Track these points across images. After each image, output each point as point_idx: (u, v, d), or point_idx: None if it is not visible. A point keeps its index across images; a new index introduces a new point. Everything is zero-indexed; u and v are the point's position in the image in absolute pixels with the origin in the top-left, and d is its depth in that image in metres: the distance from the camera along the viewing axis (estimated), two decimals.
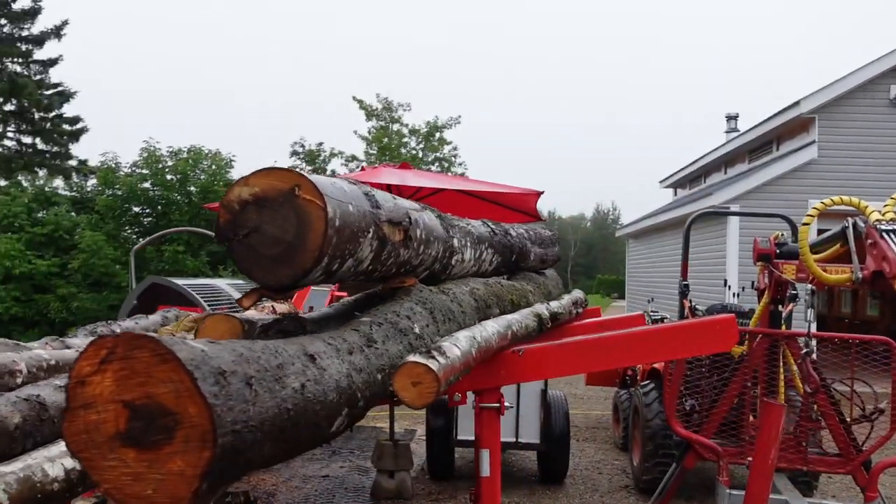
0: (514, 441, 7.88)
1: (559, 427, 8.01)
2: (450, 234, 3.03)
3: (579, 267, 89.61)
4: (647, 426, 7.76)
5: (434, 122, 30.50)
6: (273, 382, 1.26)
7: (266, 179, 1.81)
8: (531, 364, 2.74)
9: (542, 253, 4.94)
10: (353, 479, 8.16)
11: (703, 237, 17.13)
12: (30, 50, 30.97)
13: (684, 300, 7.84)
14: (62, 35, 31.63)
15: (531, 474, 8.76)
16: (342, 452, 9.25)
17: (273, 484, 7.70)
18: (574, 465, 9.03)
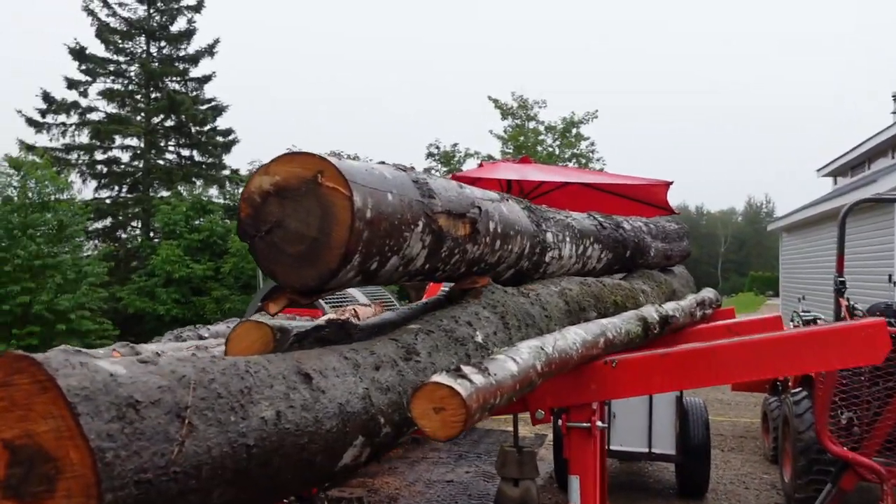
0: (647, 451, 7.35)
1: (698, 437, 7.38)
2: (541, 228, 2.70)
3: (730, 263, 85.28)
4: (799, 439, 6.99)
5: (570, 117, 29.84)
6: (229, 412, 1.01)
7: (287, 166, 1.58)
8: (626, 377, 2.36)
9: (666, 248, 4.48)
10: (478, 485, 7.91)
11: (865, 228, 15.58)
12: (186, 69, 33.06)
13: (840, 298, 7.01)
14: (214, 53, 33.55)
15: (669, 486, 8.16)
16: (468, 457, 9.03)
17: (396, 488, 7.59)
18: (717, 477, 8.34)
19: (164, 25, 32.55)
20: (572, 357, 1.99)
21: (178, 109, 32.36)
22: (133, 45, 32.09)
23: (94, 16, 30.88)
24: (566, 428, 2.45)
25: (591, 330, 2.27)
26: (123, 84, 31.96)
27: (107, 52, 31.34)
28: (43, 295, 19.33)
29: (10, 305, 18.93)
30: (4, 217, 19.81)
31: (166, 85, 33.12)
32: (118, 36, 31.53)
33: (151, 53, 32.58)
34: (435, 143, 29.54)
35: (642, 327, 2.65)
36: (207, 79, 33.69)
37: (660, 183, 7.77)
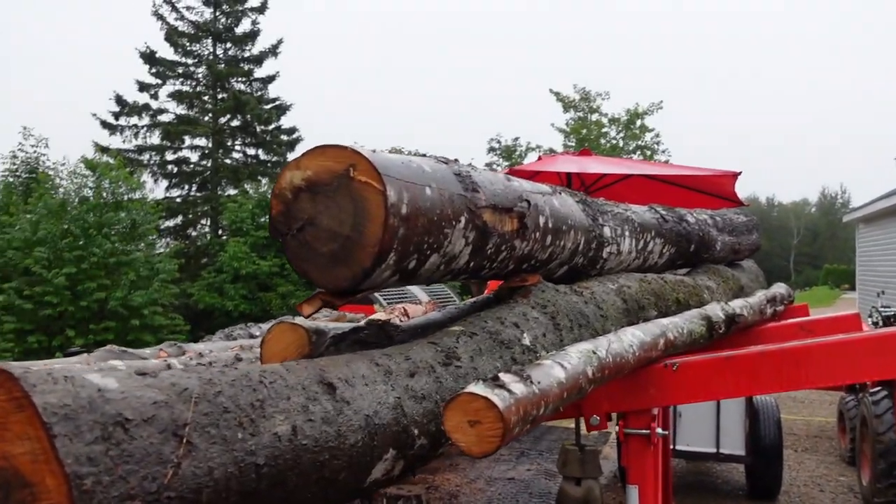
0: (714, 452, 7.08)
1: (769, 437, 7.07)
2: (597, 223, 2.56)
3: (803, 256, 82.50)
4: (879, 441, 6.63)
5: (634, 109, 29.25)
6: (236, 428, 0.93)
7: (319, 160, 1.50)
8: (688, 381, 2.20)
9: (733, 242, 4.26)
10: (540, 483, 7.78)
11: None
12: (251, 69, 33.65)
13: None
14: (278, 53, 34.06)
15: (738, 487, 7.87)
16: (530, 454, 8.90)
17: (456, 485, 7.52)
18: (790, 479, 8.00)
19: (230, 27, 33.20)
20: (628, 361, 1.86)
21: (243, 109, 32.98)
22: (200, 48, 32.84)
23: (163, 20, 31.71)
24: (623, 434, 2.31)
25: (650, 331, 2.13)
26: (192, 86, 32.75)
27: (175, 55, 32.15)
28: (118, 291, 19.94)
29: (87, 301, 19.60)
30: (81, 217, 20.52)
31: (232, 86, 33.78)
32: (186, 39, 32.31)
33: (218, 55, 33.29)
34: (496, 137, 29.36)
35: (706, 327, 2.48)
36: (271, 79, 34.21)
37: (727, 174, 7.46)
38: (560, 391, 1.40)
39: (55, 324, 19.95)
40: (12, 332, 18.99)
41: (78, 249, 19.90)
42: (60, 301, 19.36)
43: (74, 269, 19.54)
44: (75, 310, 19.81)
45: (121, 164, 23.41)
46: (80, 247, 20.10)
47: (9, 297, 19.21)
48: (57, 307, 19.32)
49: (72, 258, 19.64)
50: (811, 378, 2.12)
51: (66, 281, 19.28)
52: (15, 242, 20.26)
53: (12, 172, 26.99)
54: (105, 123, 31.21)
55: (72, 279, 19.52)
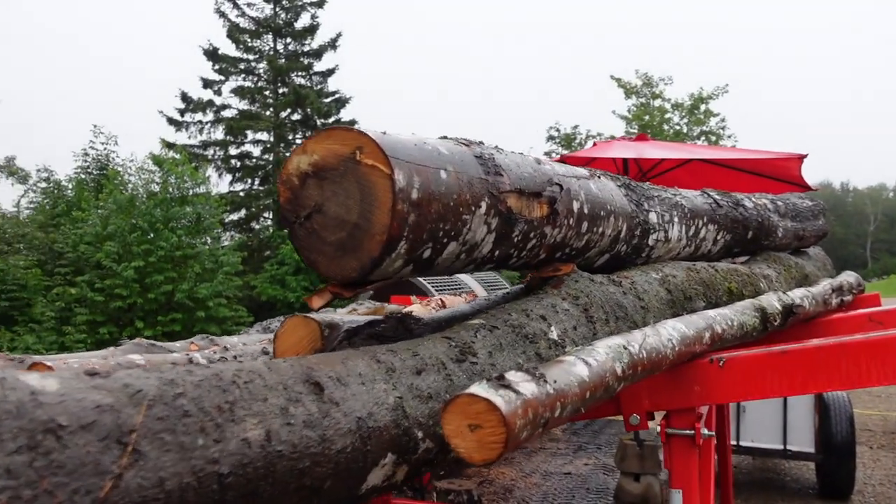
0: (781, 449, 6.78)
1: (841, 433, 6.73)
2: (641, 208, 2.41)
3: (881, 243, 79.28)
4: None
5: (699, 93, 28.45)
6: (197, 434, 0.84)
7: (325, 143, 1.41)
8: (736, 378, 2.04)
9: (797, 228, 4.03)
10: (597, 478, 7.60)
11: None
12: (310, 63, 34.02)
13: None
14: (337, 47, 34.35)
15: (808, 486, 7.54)
16: (588, 448, 8.72)
17: (511, 479, 7.41)
18: (864, 478, 7.62)
19: (290, 22, 33.62)
20: (666, 356, 1.71)
21: (303, 103, 33.38)
22: (261, 44, 33.36)
23: (225, 17, 32.33)
24: (665, 435, 2.16)
25: (695, 323, 1.97)
26: (253, 81, 33.31)
27: (237, 52, 32.74)
28: (184, 284, 20.45)
29: (154, 294, 20.16)
30: (148, 211, 21.10)
31: (292, 80, 34.22)
32: (247, 35, 32.87)
33: (278, 50, 33.76)
34: (555, 126, 28.97)
35: (760, 318, 2.31)
36: (331, 72, 34.53)
37: (792, 157, 7.11)
38: (581, 391, 1.28)
39: (125, 315, 20.59)
40: (85, 323, 19.67)
41: (146, 243, 20.47)
42: (130, 293, 19.96)
43: (143, 262, 20.11)
44: (144, 302, 20.40)
45: (186, 159, 23.96)
46: (147, 241, 20.67)
47: (81, 290, 19.90)
48: (126, 299, 19.93)
49: (140, 252, 20.22)
50: (876, 375, 1.93)
51: (135, 274, 19.86)
52: (87, 237, 20.97)
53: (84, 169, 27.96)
54: (171, 120, 32.03)
55: (140, 272, 20.10)
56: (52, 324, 19.82)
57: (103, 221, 21.06)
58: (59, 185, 27.57)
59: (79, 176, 27.58)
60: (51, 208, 26.27)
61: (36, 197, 29.54)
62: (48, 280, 21.25)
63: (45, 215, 26.17)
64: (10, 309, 20.56)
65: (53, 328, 19.81)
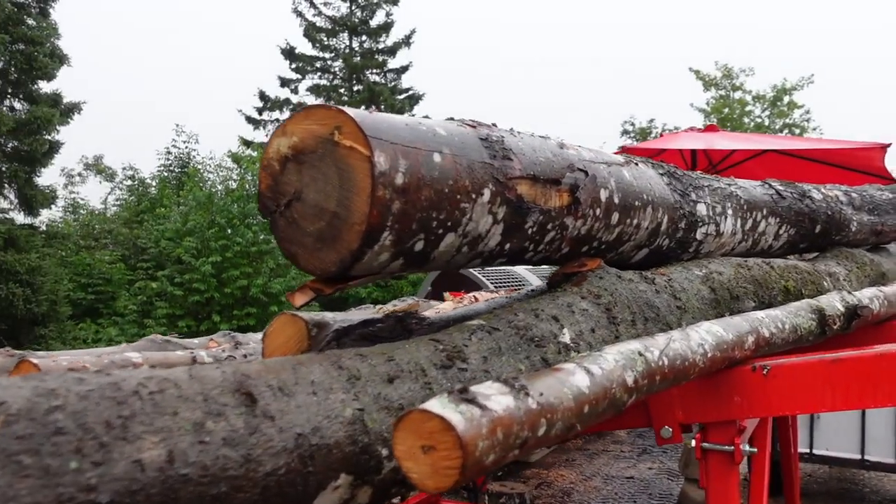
0: (859, 459, 6.35)
1: None
2: (687, 198, 2.21)
3: None
4: None
5: (782, 84, 27.31)
6: (70, 456, 0.71)
7: (304, 124, 1.29)
8: (781, 389, 1.81)
9: (875, 222, 3.70)
10: (661, 483, 7.31)
11: None
12: (385, 60, 34.27)
13: None
14: (411, 43, 34.48)
15: (890, 498, 7.06)
16: (653, 452, 8.41)
17: (571, 482, 7.20)
18: None
19: (365, 20, 33.93)
20: (695, 363, 1.52)
21: (378, 100, 33.67)
22: (337, 42, 33.80)
23: (302, 16, 32.90)
24: (700, 450, 1.95)
25: (736, 326, 1.76)
26: (329, 79, 33.79)
27: (314, 50, 33.29)
28: (259, 279, 20.89)
29: (230, 288, 20.66)
30: (226, 208, 21.64)
31: (367, 77, 34.55)
32: (324, 34, 33.37)
33: (353, 48, 34.13)
34: (629, 119, 28.30)
35: (817, 321, 2.07)
36: (405, 69, 34.70)
37: (874, 146, 6.63)
38: (578, 405, 1.10)
39: (203, 309, 21.17)
40: (165, 316, 20.32)
41: (223, 239, 20.98)
42: (207, 288, 20.49)
43: (220, 257, 20.62)
44: (220, 296, 20.92)
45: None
46: (225, 236, 21.19)
47: (162, 284, 20.55)
48: (204, 294, 20.47)
49: (217, 247, 20.74)
50: None
51: (213, 269, 20.37)
52: (168, 233, 21.64)
53: (167, 167, 28.93)
54: (249, 118, 32.81)
55: (217, 267, 20.62)
56: (133, 317, 20.56)
57: (183, 217, 21.70)
58: (143, 182, 28.63)
59: (161, 173, 28.57)
60: (135, 205, 27.32)
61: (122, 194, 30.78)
62: (131, 274, 22.05)
63: (129, 212, 27.23)
64: (96, 302, 21.43)
65: (135, 321, 20.54)
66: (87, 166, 37.22)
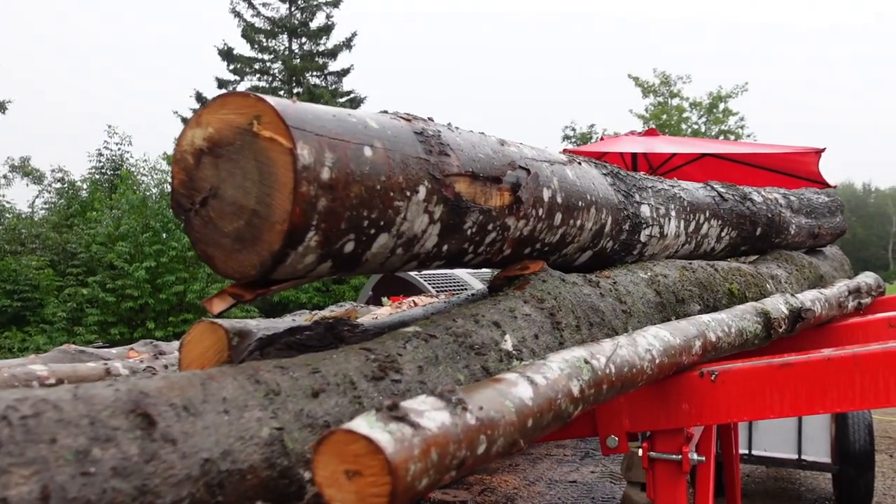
0: (796, 459, 6.46)
1: (859, 442, 6.41)
2: (631, 199, 2.15)
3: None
4: None
5: (717, 92, 28.04)
6: None
7: (220, 113, 1.17)
8: (730, 395, 1.76)
9: (812, 225, 3.74)
10: (604, 487, 7.31)
11: None
12: (325, 63, 33.93)
13: None
14: (352, 46, 34.22)
15: (825, 496, 7.22)
16: (596, 455, 8.42)
17: (514, 487, 7.14)
18: (883, 488, 7.29)
19: (305, 22, 33.56)
20: (642, 370, 1.45)
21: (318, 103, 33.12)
22: (276, 43, 33.33)
23: (241, 17, 32.32)
24: (647, 459, 1.89)
25: (683, 330, 1.70)
26: (268, 81, 33.28)
27: (252, 52, 32.74)
28: (196, 284, 20.38)
29: (166, 294, 20.10)
30: (161, 211, 21.05)
31: (307, 80, 34.17)
32: (262, 35, 32.85)
33: (293, 50, 33.71)
34: (571, 125, 28.66)
35: (762, 324, 2.03)
36: (346, 72, 34.43)
37: (809, 151, 6.78)
38: (521, 419, 1.01)
39: (137, 316, 20.57)
40: (96, 324, 19.66)
41: (158, 244, 20.44)
42: (141, 294, 19.93)
43: (154, 262, 20.08)
44: (155, 302, 20.37)
45: None
46: (160, 241, 20.64)
47: (93, 290, 19.89)
48: (138, 300, 19.90)
49: (152, 252, 20.20)
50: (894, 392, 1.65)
51: (147, 274, 19.83)
52: (99, 238, 20.97)
53: (98, 170, 28.02)
54: (185, 120, 32.05)
55: (152, 272, 20.08)
56: (63, 324, 19.83)
57: (116, 222, 21.08)
58: (73, 185, 27.67)
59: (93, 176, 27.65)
60: (65, 208, 26.37)
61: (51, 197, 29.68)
62: (60, 280, 21.27)
63: (59, 215, 26.27)
64: (23, 309, 20.59)
65: (65, 329, 19.82)
66: (13, 168, 35.81)
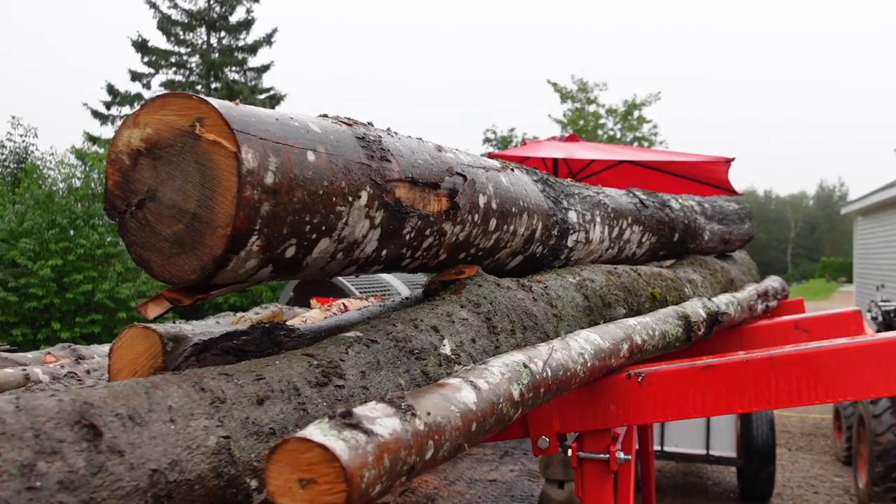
0: (704, 454, 6.75)
1: (761, 438, 6.75)
2: (560, 206, 2.21)
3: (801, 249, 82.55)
4: (877, 442, 6.30)
5: (632, 100, 28.86)
6: None
7: (160, 114, 1.14)
8: (655, 396, 1.84)
9: (724, 231, 3.91)
10: (523, 485, 7.44)
11: None
12: (245, 58, 33.25)
13: None
14: (272, 42, 33.64)
15: (730, 489, 7.55)
16: (515, 454, 8.56)
17: (435, 487, 7.18)
18: (783, 480, 7.68)
19: (224, 16, 32.81)
20: (576, 373, 1.50)
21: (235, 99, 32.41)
22: (194, 37, 32.47)
23: (157, 8, 31.31)
24: (576, 459, 1.95)
25: (612, 333, 1.77)
26: (185, 75, 32.38)
27: (168, 44, 31.79)
28: (105, 283, 19.65)
29: (73, 294, 19.29)
30: (68, 207, 20.18)
31: (226, 75, 33.42)
32: (179, 28, 31.93)
33: (212, 44, 32.90)
34: (492, 128, 28.96)
35: (683, 327, 2.13)
36: (266, 68, 33.84)
37: (719, 160, 7.09)
38: (466, 424, 1.04)
39: (41, 316, 19.68)
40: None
41: (65, 241, 19.61)
42: (46, 293, 19.07)
43: (61, 260, 19.26)
44: (61, 302, 19.54)
45: None
46: (67, 238, 19.81)
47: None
48: (42, 299, 19.04)
49: (58, 250, 19.37)
50: (807, 394, 1.75)
51: (53, 273, 19.00)
52: (1, 234, 19.97)
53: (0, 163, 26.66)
54: (96, 113, 30.87)
55: (58, 271, 19.25)
56: None
57: (19, 217, 20.11)
58: None
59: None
60: None
61: None
62: None
63: None
64: None
65: None
66: None
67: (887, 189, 21.51)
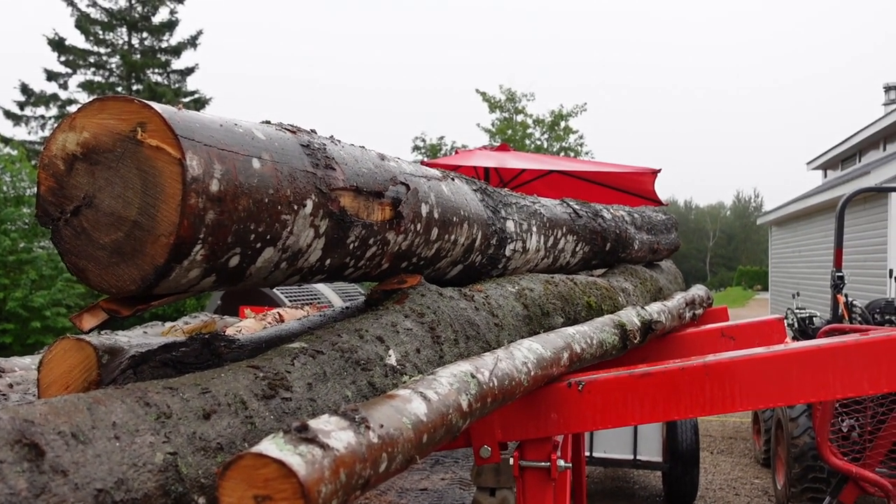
0: (632, 459, 6.90)
1: (686, 442, 6.95)
2: (498, 215, 2.23)
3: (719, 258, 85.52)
4: (794, 444, 6.57)
5: (559, 110, 29.40)
6: None
7: (98, 118, 1.10)
8: (595, 404, 1.87)
9: (652, 240, 4.01)
10: (454, 493, 7.44)
11: (858, 222, 15.18)
12: (168, 60, 32.41)
13: (838, 295, 6.57)
14: (197, 45, 32.89)
15: (655, 493, 7.74)
16: (445, 462, 8.57)
17: (366, 497, 7.12)
18: (706, 482, 7.92)
19: (146, 16, 31.91)
20: (520, 382, 1.51)
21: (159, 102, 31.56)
22: (114, 37, 31.46)
23: (74, 6, 30.21)
24: (518, 468, 1.97)
25: (552, 343, 1.79)
26: (104, 76, 31.33)
27: (87, 44, 30.70)
28: (17, 291, 18.84)
29: None
30: None
31: (148, 77, 32.49)
32: (98, 27, 30.89)
33: (133, 45, 31.95)
34: (421, 136, 29.05)
35: (619, 336, 2.17)
36: (190, 71, 33.06)
37: (646, 171, 7.30)
38: (417, 435, 1.03)
39: None
40: None
41: None
42: None
43: None
44: None
45: (24, 156, 22.16)
46: None
47: None
48: None
49: None
50: (741, 399, 1.81)
51: None
52: None
53: None
54: (9, 114, 29.56)
55: None
56: None
57: None
58: None
59: None
60: None
61: None
62: None
63: None
64: None
65: None
66: None
67: (800, 200, 22.55)
